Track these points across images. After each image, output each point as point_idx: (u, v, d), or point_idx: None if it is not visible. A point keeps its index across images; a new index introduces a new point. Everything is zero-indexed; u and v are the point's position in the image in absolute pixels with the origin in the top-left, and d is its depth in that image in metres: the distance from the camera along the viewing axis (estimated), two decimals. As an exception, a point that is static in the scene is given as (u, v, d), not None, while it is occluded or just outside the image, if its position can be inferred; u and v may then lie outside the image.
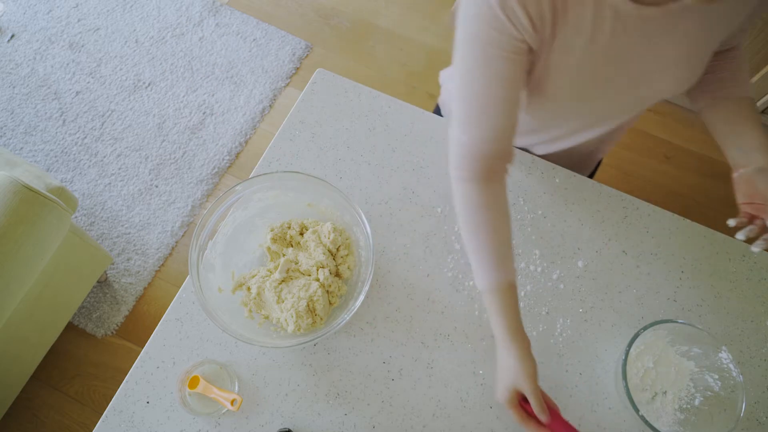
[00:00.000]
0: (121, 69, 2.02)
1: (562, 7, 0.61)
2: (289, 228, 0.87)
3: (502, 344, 0.73)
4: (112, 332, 1.63)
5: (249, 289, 0.82)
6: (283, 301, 0.80)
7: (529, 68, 0.70)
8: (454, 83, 0.70)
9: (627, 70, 0.70)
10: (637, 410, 0.74)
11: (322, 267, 0.82)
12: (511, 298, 0.72)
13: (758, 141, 0.74)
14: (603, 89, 0.74)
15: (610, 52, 0.67)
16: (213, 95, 1.99)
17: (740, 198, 0.76)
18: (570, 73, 0.70)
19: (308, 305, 0.79)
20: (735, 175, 0.76)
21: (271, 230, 0.86)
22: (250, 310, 0.82)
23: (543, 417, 0.69)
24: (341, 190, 0.80)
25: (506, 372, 0.72)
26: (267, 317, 0.82)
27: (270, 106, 2.00)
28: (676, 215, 0.94)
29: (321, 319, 0.80)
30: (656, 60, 0.69)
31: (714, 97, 0.79)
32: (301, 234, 0.87)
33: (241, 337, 0.73)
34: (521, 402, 0.72)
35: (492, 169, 0.72)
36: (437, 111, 1.17)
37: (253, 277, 0.83)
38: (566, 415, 0.81)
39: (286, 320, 0.79)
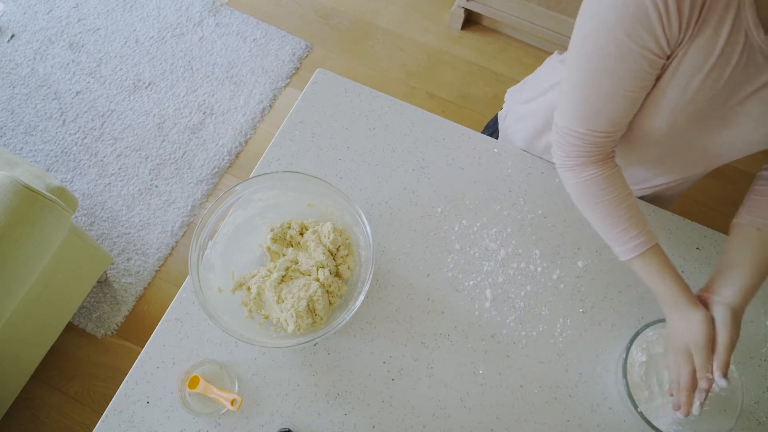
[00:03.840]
0: (121, 69, 2.02)
1: (706, 15, 0.55)
2: (289, 228, 0.87)
3: (668, 304, 0.71)
4: (112, 332, 1.63)
5: (249, 289, 0.82)
6: (283, 301, 0.80)
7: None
8: (571, 73, 0.66)
9: (727, 112, 0.65)
10: (636, 407, 0.74)
11: (322, 267, 0.82)
12: (663, 256, 0.71)
13: (746, 281, 0.69)
14: (697, 129, 0.68)
15: (722, 89, 0.62)
16: (213, 95, 1.99)
17: None
18: (674, 102, 0.64)
19: (308, 305, 0.79)
20: (697, 293, 0.73)
21: (271, 230, 0.86)
22: (250, 310, 0.82)
23: (704, 382, 0.67)
24: (341, 190, 0.80)
25: (678, 333, 0.69)
26: (267, 317, 0.82)
27: (270, 106, 2.00)
28: (676, 215, 0.94)
29: (321, 319, 0.80)
30: (759, 106, 0.63)
31: (752, 222, 0.73)
32: (301, 234, 0.87)
33: (241, 337, 0.73)
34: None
35: (601, 153, 0.72)
36: (493, 123, 1.12)
37: (253, 277, 0.83)
38: (566, 415, 0.81)
39: (286, 320, 0.79)
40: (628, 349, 0.77)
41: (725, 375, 0.68)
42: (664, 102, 0.65)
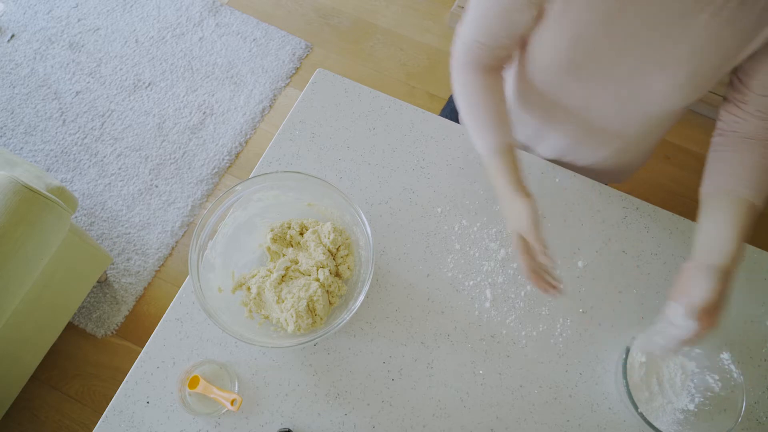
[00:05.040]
0: (121, 69, 2.02)
1: None
2: (289, 228, 0.87)
3: (504, 197, 0.77)
4: (112, 332, 1.63)
5: (249, 289, 0.82)
6: (283, 301, 0.80)
7: (538, 12, 0.70)
8: None
9: (627, 53, 0.69)
10: (636, 407, 0.74)
11: (322, 267, 0.82)
12: (510, 158, 0.78)
13: (730, 245, 0.69)
14: (597, 68, 0.73)
15: (615, 25, 0.66)
16: (213, 95, 1.99)
17: (672, 292, 0.73)
18: (569, 35, 0.69)
19: (308, 305, 0.79)
20: (685, 265, 0.73)
21: (271, 230, 0.86)
22: (250, 310, 0.82)
23: (543, 258, 0.73)
24: (341, 190, 0.80)
25: (510, 221, 0.77)
26: (267, 317, 0.82)
27: (270, 106, 2.00)
28: (676, 215, 0.94)
29: (321, 319, 0.80)
30: (661, 52, 0.67)
31: (719, 188, 0.74)
32: (301, 234, 0.87)
33: (242, 337, 0.73)
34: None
35: (488, 64, 0.80)
36: None
37: (253, 277, 0.83)
38: (566, 415, 0.81)
39: (286, 320, 0.79)
40: (628, 349, 0.77)
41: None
42: (547, 46, 0.73)
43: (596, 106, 0.81)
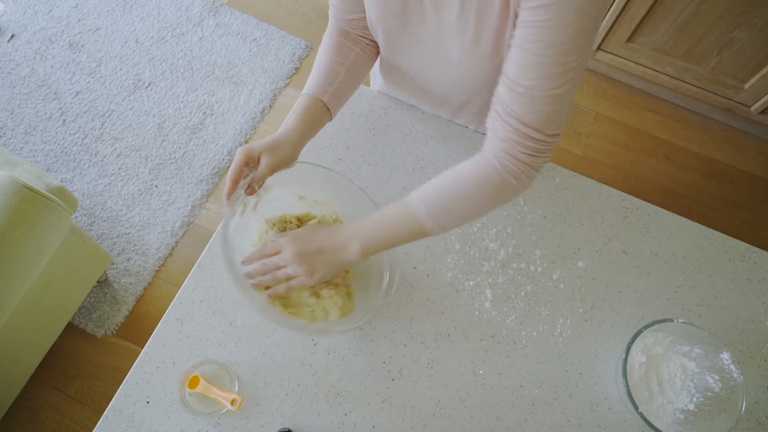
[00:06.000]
0: (121, 69, 2.02)
1: None
2: (290, 223, 0.85)
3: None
4: (112, 332, 1.63)
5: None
6: (318, 295, 0.78)
7: None
8: None
9: (427, 11, 0.72)
10: (636, 407, 0.74)
11: None
12: (307, 105, 0.81)
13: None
14: (408, 23, 0.76)
15: None
16: (213, 95, 1.99)
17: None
18: None
19: (346, 292, 0.79)
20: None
21: (273, 225, 0.83)
22: (281, 310, 0.80)
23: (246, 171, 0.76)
24: (350, 181, 0.80)
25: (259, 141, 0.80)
26: (293, 314, 0.79)
27: (270, 106, 2.00)
28: (676, 215, 0.94)
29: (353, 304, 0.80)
30: (450, 13, 0.70)
31: None
32: (299, 228, 0.85)
33: (311, 330, 0.75)
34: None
35: (348, 34, 0.86)
36: None
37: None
38: (566, 415, 0.81)
39: (324, 309, 0.77)
40: (628, 349, 0.77)
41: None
42: None
43: (424, 71, 0.86)
